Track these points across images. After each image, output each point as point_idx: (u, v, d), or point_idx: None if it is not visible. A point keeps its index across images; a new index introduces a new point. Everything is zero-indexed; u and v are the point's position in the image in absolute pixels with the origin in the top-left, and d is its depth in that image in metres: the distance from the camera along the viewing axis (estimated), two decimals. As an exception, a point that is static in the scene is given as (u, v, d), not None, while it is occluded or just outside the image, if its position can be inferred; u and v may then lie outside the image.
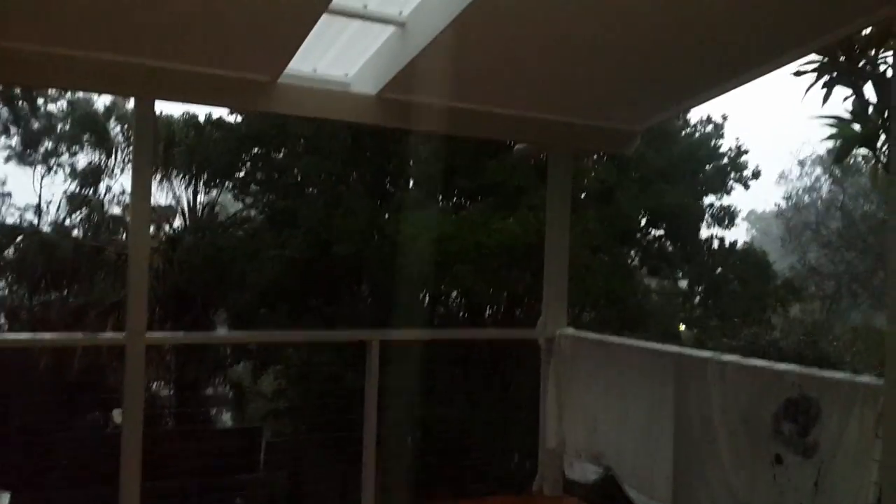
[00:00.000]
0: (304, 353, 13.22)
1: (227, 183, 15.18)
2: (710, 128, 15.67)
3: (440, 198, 13.98)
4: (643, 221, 14.69)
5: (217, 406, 16.33)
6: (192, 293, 13.96)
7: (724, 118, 15.62)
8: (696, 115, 15.69)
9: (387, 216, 13.26)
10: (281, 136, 14.01)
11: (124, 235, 15.19)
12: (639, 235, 14.96)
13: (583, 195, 13.47)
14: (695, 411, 3.56)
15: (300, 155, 14.11)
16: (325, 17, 3.38)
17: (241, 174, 14.88)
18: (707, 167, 15.35)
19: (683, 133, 15.36)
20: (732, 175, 15.49)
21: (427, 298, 14.35)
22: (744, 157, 15.56)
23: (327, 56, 4.06)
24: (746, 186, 15.61)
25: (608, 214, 13.16)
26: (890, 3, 2.62)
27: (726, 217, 15.53)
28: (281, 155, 14.48)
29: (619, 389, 4.13)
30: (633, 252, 15.06)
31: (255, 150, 14.50)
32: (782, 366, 3.32)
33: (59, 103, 17.50)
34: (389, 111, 4.10)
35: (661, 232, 15.09)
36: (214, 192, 15.89)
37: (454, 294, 14.81)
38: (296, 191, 14.27)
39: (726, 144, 15.63)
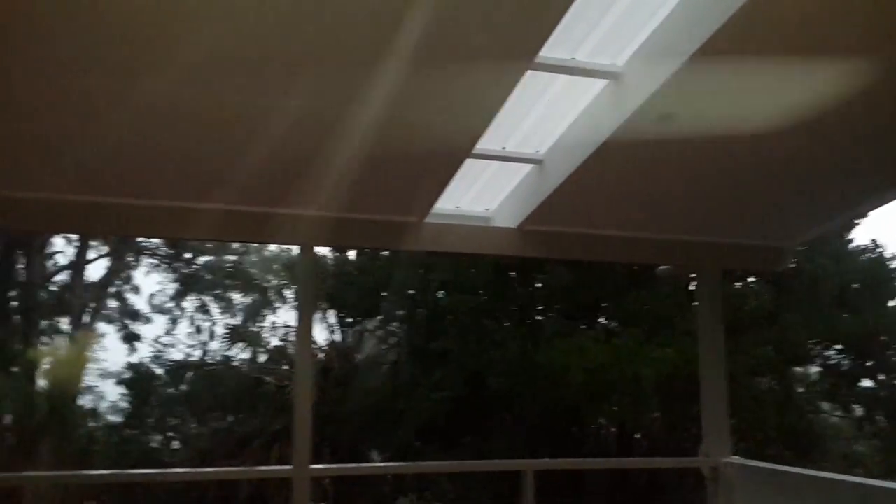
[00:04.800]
0: (459, 486, 13.08)
1: (370, 320, 15.74)
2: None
3: (589, 326, 13.81)
4: (815, 345, 13.61)
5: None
6: (345, 427, 14.31)
7: None
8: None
9: (535, 345, 13.18)
10: (421, 276, 14.49)
11: (283, 366, 16.00)
12: (813, 359, 13.90)
13: (742, 318, 12.84)
14: (889, 554, 3.18)
15: (439, 291, 14.49)
16: (467, 160, 3.60)
17: (383, 312, 15.40)
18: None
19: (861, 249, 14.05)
20: None
21: (582, 427, 13.96)
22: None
23: (469, 194, 4.28)
24: None
25: (773, 338, 12.39)
26: None
27: None
28: (421, 293, 14.90)
29: (797, 527, 3.77)
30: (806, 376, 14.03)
31: (397, 288, 15.05)
32: None
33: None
34: (531, 242, 4.21)
35: (836, 356, 13.91)
36: (359, 328, 16.52)
37: (607, 423, 14.30)
38: (439, 326, 14.55)
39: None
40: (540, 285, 13.71)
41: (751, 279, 12.76)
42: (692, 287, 11.25)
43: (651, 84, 2.82)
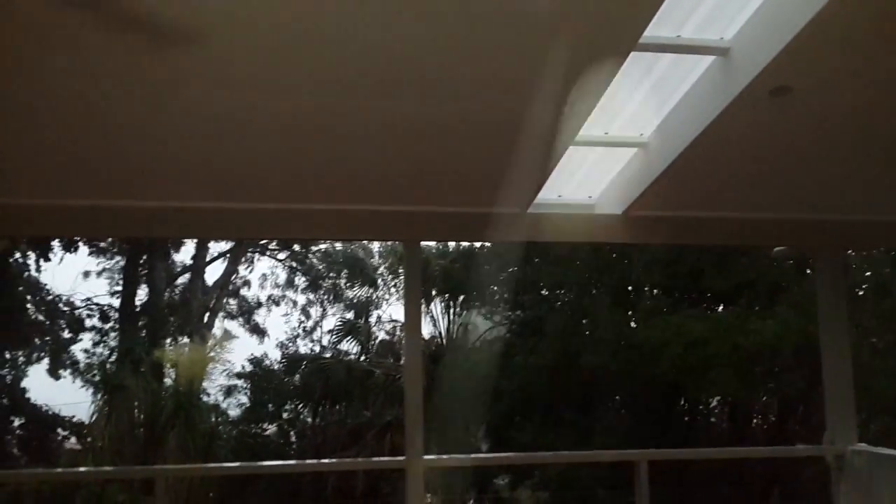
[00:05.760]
0: (563, 469, 13.00)
1: (476, 304, 15.89)
2: None
3: (689, 301, 13.44)
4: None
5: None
6: (453, 411, 14.50)
7: None
8: None
9: (633, 325, 12.98)
10: (523, 256, 14.53)
11: (391, 359, 16.36)
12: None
13: (858, 291, 12.18)
14: None
15: (542, 272, 14.47)
16: (569, 148, 3.57)
17: (489, 294, 15.52)
18: None
19: None
20: None
21: (684, 406, 13.61)
22: None
23: (571, 182, 4.23)
24: None
25: (889, 310, 11.70)
26: None
27: None
28: (523, 273, 14.95)
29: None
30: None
31: (500, 273, 15.15)
32: None
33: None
34: (637, 228, 4.12)
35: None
36: (465, 314, 16.67)
37: (713, 403, 13.89)
38: (541, 304, 14.55)
39: None
40: (639, 263, 13.42)
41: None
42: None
43: (763, 57, 2.70)
